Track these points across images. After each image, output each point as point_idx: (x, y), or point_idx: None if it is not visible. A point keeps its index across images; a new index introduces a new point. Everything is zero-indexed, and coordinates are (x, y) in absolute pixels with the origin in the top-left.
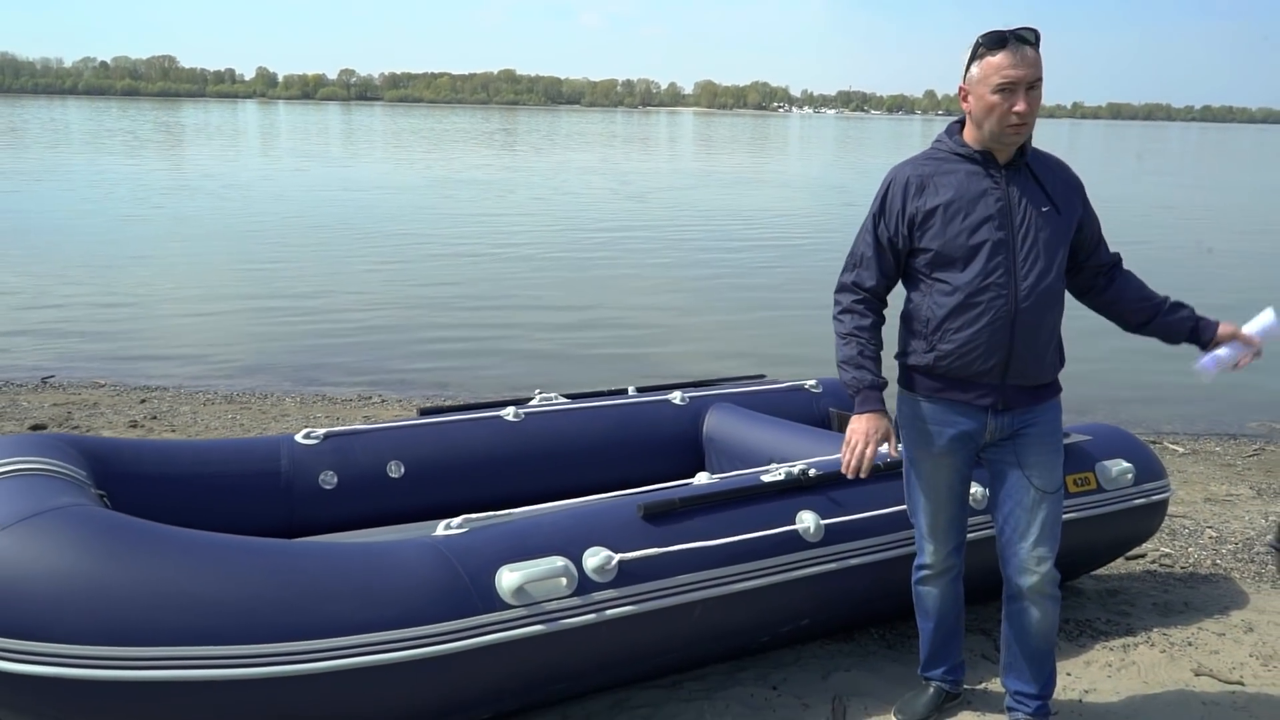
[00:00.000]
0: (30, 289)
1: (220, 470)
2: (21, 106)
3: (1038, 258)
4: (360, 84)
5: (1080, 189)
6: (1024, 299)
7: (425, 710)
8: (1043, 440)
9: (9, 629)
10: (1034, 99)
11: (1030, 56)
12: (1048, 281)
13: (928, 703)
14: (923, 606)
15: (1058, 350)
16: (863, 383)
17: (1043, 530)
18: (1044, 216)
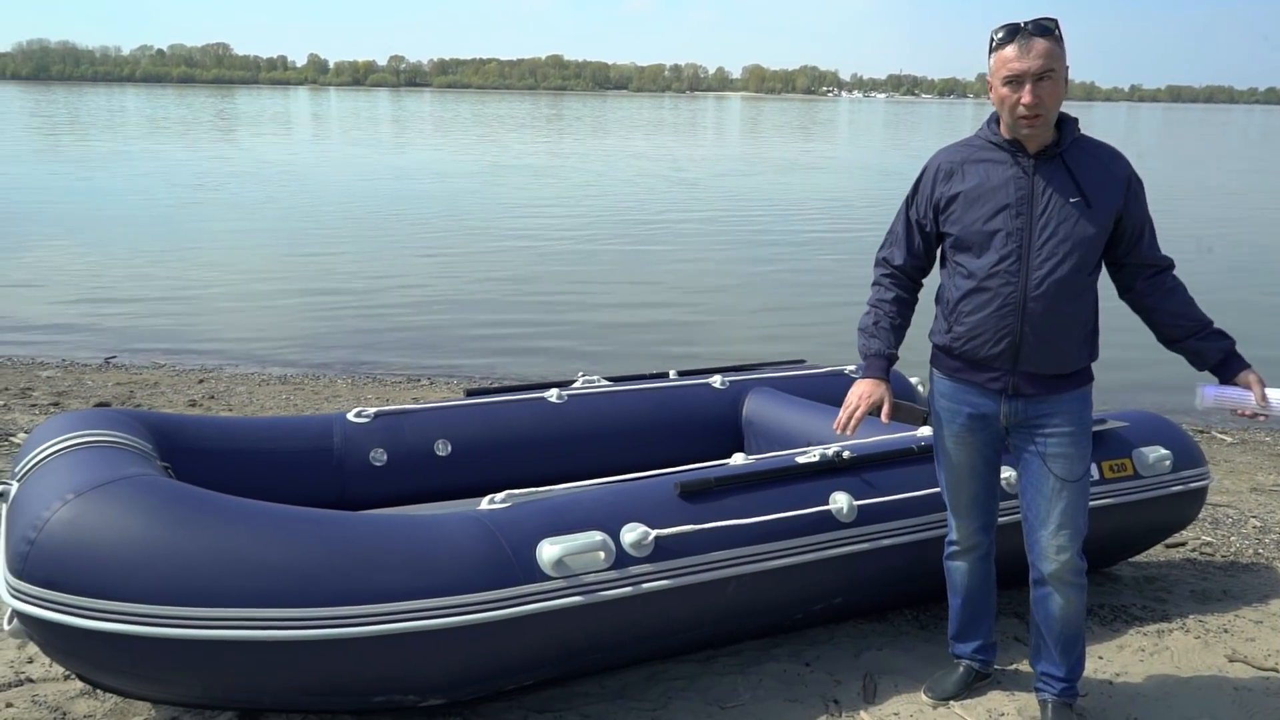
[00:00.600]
0: (94, 272)
1: (276, 446)
2: (82, 94)
3: (1056, 248)
4: (410, 70)
5: (1125, 182)
6: (1035, 288)
7: (468, 675)
8: (1063, 431)
9: (82, 588)
10: (1045, 90)
11: (1039, 48)
12: (1064, 272)
13: (957, 681)
14: (952, 581)
15: (1086, 342)
16: (869, 350)
17: (1063, 519)
18: (1070, 207)
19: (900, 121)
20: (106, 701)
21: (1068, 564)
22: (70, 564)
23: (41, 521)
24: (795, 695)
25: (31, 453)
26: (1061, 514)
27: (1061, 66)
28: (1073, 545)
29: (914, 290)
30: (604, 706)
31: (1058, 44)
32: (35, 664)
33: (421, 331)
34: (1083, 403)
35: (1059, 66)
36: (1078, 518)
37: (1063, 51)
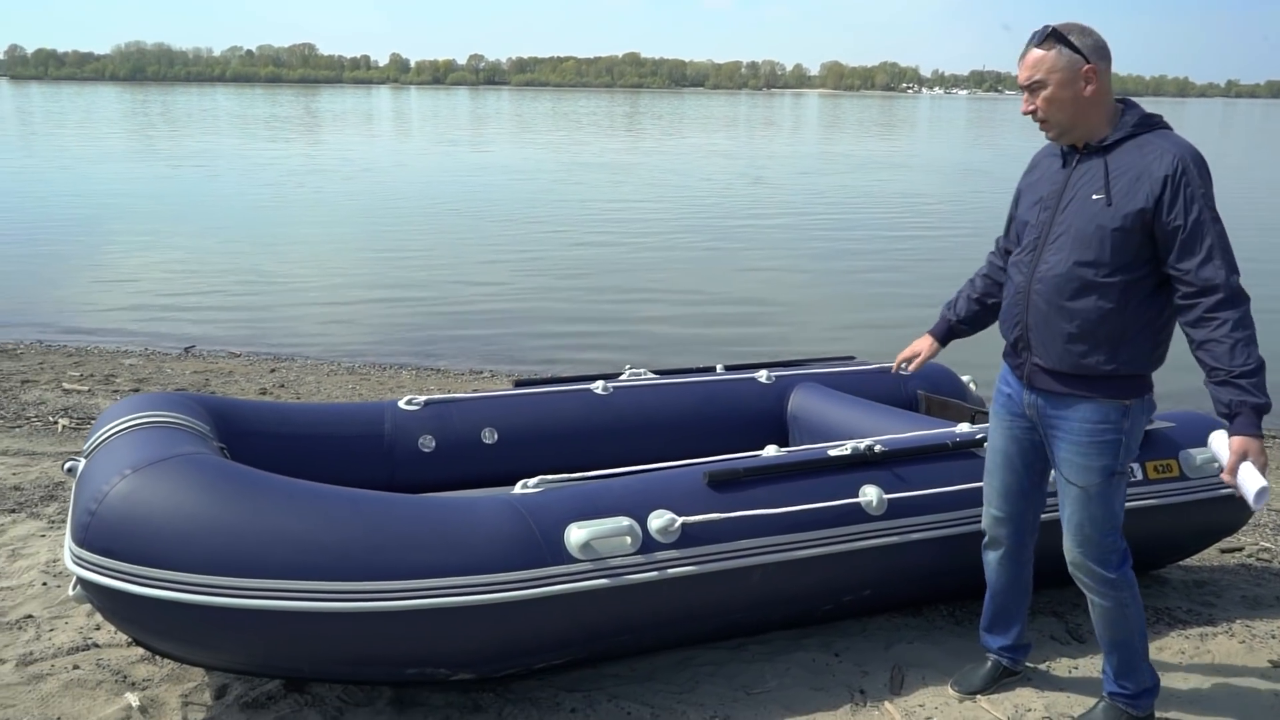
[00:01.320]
0: (179, 266)
1: (329, 431)
2: (175, 94)
3: (1065, 243)
4: (488, 69)
5: (1162, 181)
6: (1037, 281)
7: (497, 652)
8: (1071, 437)
9: (137, 556)
10: (1039, 99)
11: (1029, 59)
12: (1065, 267)
13: (984, 676)
14: (986, 572)
15: (1107, 347)
16: (942, 311)
17: (1070, 524)
18: (1090, 205)
19: (983, 119)
20: (164, 667)
21: (1080, 568)
22: (127, 534)
23: (102, 494)
24: (821, 684)
25: (99, 432)
26: (1069, 519)
27: (1058, 74)
28: (1081, 551)
29: (999, 274)
30: (633, 688)
31: (1052, 52)
32: (102, 631)
33: (490, 327)
34: (1099, 413)
35: (1050, 76)
36: (1085, 526)
37: (1062, 57)
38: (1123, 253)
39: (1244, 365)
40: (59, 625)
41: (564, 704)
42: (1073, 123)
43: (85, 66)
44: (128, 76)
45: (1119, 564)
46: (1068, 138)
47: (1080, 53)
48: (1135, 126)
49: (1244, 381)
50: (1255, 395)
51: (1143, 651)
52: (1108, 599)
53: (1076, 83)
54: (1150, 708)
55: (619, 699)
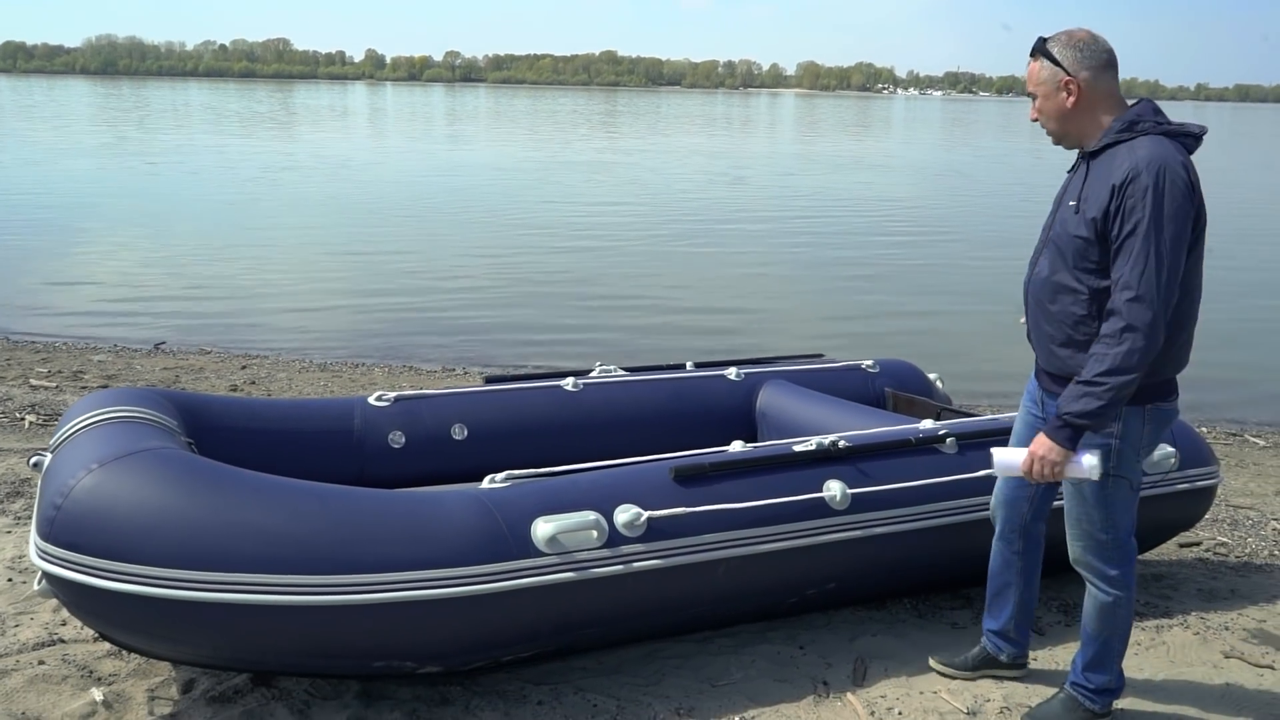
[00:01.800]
0: (149, 262)
1: (298, 427)
2: (147, 88)
3: (1045, 249)
4: (465, 66)
5: (1120, 189)
6: (1031, 284)
7: (464, 645)
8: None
9: (102, 550)
10: (1036, 109)
11: (1028, 70)
12: (1044, 271)
13: (966, 660)
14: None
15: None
16: None
17: (1069, 518)
18: (1067, 210)
19: (958, 120)
20: (131, 662)
21: (1080, 561)
22: (92, 528)
23: (67, 489)
24: (786, 676)
25: (65, 427)
26: (1068, 514)
27: (1043, 86)
28: (1081, 546)
29: None
30: (600, 680)
31: (1037, 64)
32: (67, 626)
33: (463, 325)
34: None
35: (1038, 88)
36: (1083, 522)
37: (1045, 69)
38: (1086, 259)
39: (1093, 371)
40: (24, 621)
41: (531, 697)
42: (1062, 131)
43: (55, 60)
44: (98, 70)
45: (1119, 562)
46: (1065, 143)
47: (1060, 65)
48: (1119, 133)
49: (1081, 385)
50: (1065, 400)
51: (1119, 652)
52: (1107, 594)
53: (1059, 94)
54: (1109, 707)
55: (586, 691)
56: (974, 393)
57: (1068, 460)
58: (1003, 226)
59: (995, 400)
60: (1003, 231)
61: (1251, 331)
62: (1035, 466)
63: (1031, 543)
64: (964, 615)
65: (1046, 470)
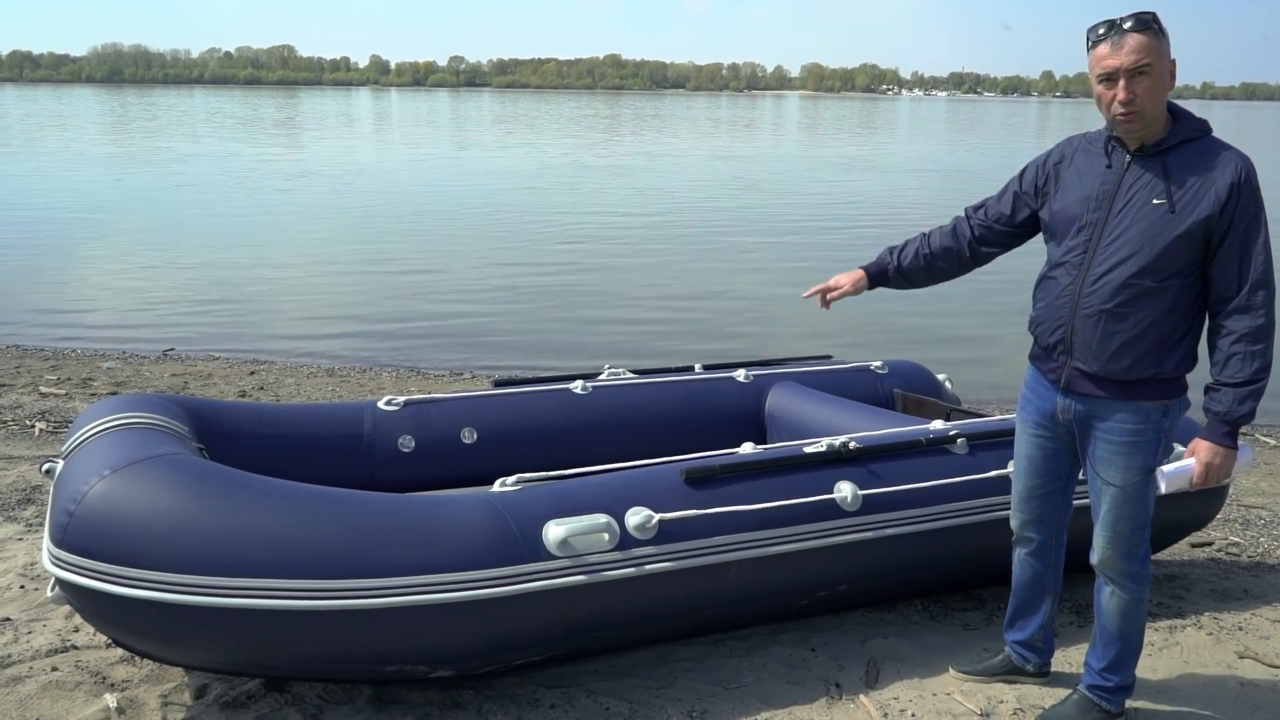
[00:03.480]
0: (157, 268)
1: (308, 432)
2: (153, 96)
3: (1122, 247)
4: (469, 70)
5: (1227, 189)
6: (1092, 284)
7: (476, 648)
8: (1111, 438)
9: (115, 556)
10: (1140, 87)
11: (1132, 43)
12: (1123, 273)
13: (989, 665)
14: (1013, 567)
15: (1155, 352)
16: (882, 254)
17: (1104, 521)
18: (1152, 208)
19: (964, 120)
20: (143, 668)
21: (1108, 563)
22: (105, 534)
23: (80, 495)
24: (798, 678)
25: (77, 433)
26: (1104, 516)
27: (1162, 61)
28: (1113, 547)
29: (964, 242)
30: (612, 684)
31: (1156, 38)
32: (80, 633)
33: (471, 329)
34: (1140, 415)
35: (1156, 61)
36: (1120, 523)
37: (1163, 45)
38: (1180, 259)
39: (1232, 378)
40: (37, 628)
41: (543, 700)
42: (1157, 114)
43: (61, 69)
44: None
45: (1144, 557)
46: (1147, 132)
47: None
48: (1193, 131)
49: (1224, 385)
50: (1224, 405)
51: (1137, 651)
52: (1132, 592)
53: (1168, 75)
54: (1122, 705)
55: (598, 695)
56: (983, 393)
57: (1233, 460)
58: None
59: (1006, 401)
60: None
61: None
62: (1209, 474)
63: (1059, 553)
64: (976, 616)
65: (1222, 475)
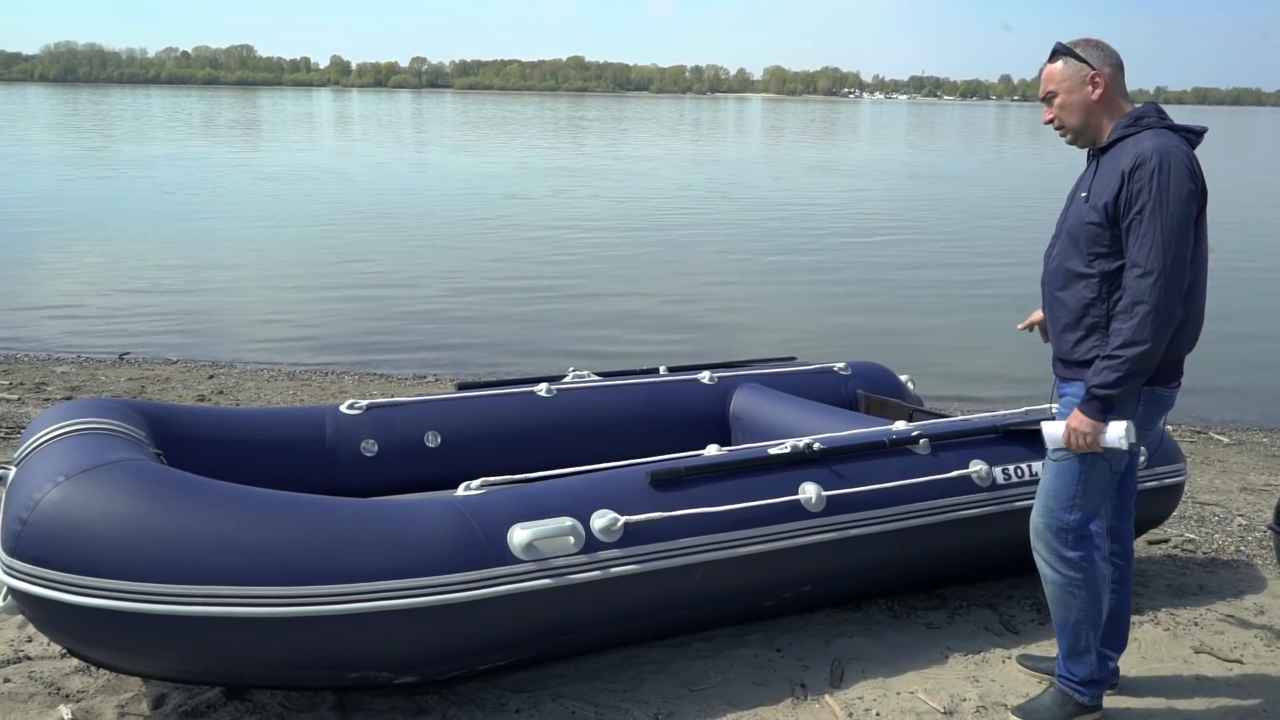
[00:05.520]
0: (111, 270)
1: (269, 436)
2: (108, 96)
3: (1058, 238)
4: (431, 71)
5: (1121, 179)
6: (1046, 275)
7: (440, 654)
8: (1066, 409)
9: (70, 565)
10: (1056, 106)
11: (1045, 74)
12: (1056, 261)
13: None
14: None
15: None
16: None
17: (1040, 491)
18: (1079, 202)
19: (923, 123)
20: (99, 678)
21: (1039, 536)
22: (59, 542)
23: (34, 502)
24: (763, 679)
25: (30, 440)
26: (1040, 487)
27: (1066, 81)
28: (1042, 520)
29: None
30: (578, 687)
31: (1058, 63)
32: (34, 643)
33: (434, 331)
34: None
35: (1060, 84)
36: (1048, 495)
37: (1074, 69)
38: (1097, 244)
39: (1117, 345)
40: None
41: (509, 705)
42: (1083, 124)
43: (13, 67)
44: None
45: (1075, 545)
46: (1081, 140)
47: (1085, 61)
48: (1126, 128)
49: (1106, 358)
50: (1103, 372)
51: (1090, 641)
52: (1058, 576)
53: (1084, 87)
54: (1098, 698)
55: (564, 698)
56: (945, 394)
57: (1098, 432)
58: (974, 227)
59: (967, 402)
60: (974, 232)
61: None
62: (1071, 438)
63: (1122, 546)
64: (939, 615)
65: (1080, 441)
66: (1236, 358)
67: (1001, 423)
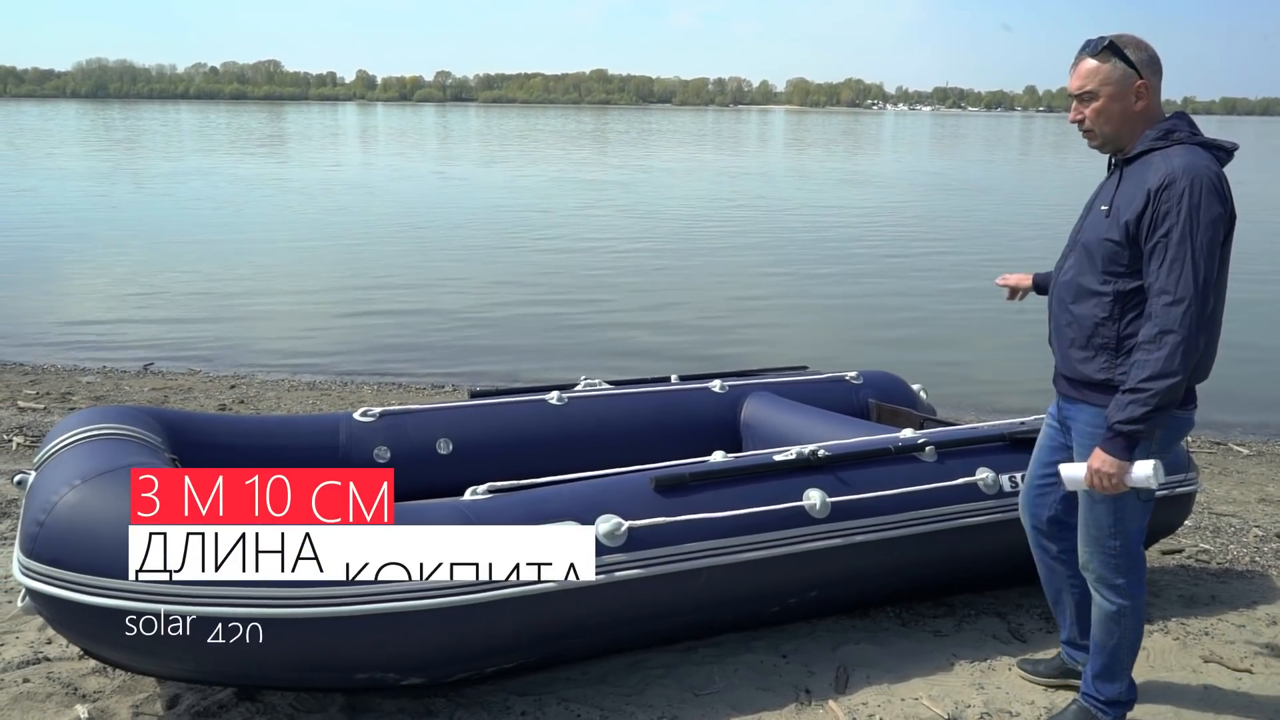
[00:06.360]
0: (138, 282)
1: (283, 443)
2: (139, 111)
3: (1074, 252)
4: (455, 85)
5: (1147, 197)
6: (1057, 288)
7: (447, 656)
8: (1079, 440)
9: (85, 566)
10: (1088, 109)
11: (1082, 68)
12: (1071, 275)
13: (1046, 668)
14: None
15: (1107, 354)
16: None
17: (1083, 527)
18: (1099, 215)
19: (948, 135)
20: (115, 679)
21: (1088, 568)
22: (74, 544)
23: (50, 505)
24: (768, 685)
25: (50, 445)
26: (1080, 518)
27: (1110, 86)
28: (1089, 553)
29: None
30: (584, 691)
31: (1109, 63)
32: (53, 645)
33: (453, 341)
34: (1099, 419)
35: (1104, 87)
36: (1090, 527)
37: (1118, 71)
38: (1115, 262)
39: (1125, 383)
40: (9, 640)
41: (515, 707)
42: (1116, 136)
43: (46, 84)
44: (89, 94)
45: (1126, 571)
46: (1109, 148)
47: (1134, 67)
48: (1155, 140)
49: (1128, 392)
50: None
51: (1128, 664)
52: (1109, 602)
53: (1128, 97)
54: (1121, 718)
55: (569, 702)
56: (959, 404)
57: (1124, 471)
58: (990, 235)
59: (981, 411)
60: (989, 240)
61: (1235, 342)
62: (1095, 480)
63: (1067, 555)
64: (946, 623)
65: (1105, 483)
66: (1257, 368)
67: (1008, 430)
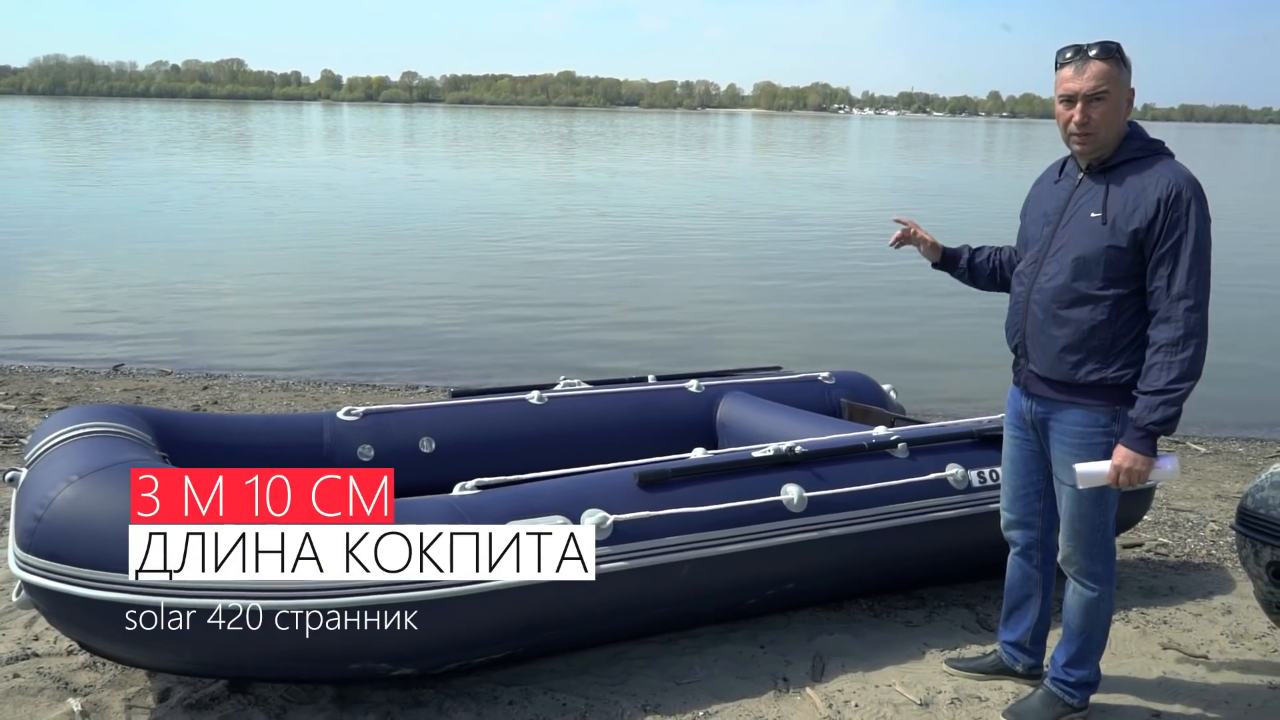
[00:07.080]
0: (106, 283)
1: (268, 441)
2: (98, 109)
3: (1061, 258)
4: (422, 86)
5: (1157, 203)
6: (1035, 292)
7: (437, 647)
8: (1063, 440)
9: (82, 559)
10: (1096, 111)
11: (1093, 69)
12: (1061, 280)
13: (980, 664)
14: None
15: (1098, 356)
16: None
17: (1064, 520)
18: (1089, 222)
19: (913, 139)
20: (106, 673)
21: (1070, 561)
22: (72, 538)
23: (48, 500)
24: (747, 674)
25: (40, 442)
26: (1064, 515)
27: (1120, 89)
28: (1071, 547)
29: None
30: (568, 681)
31: (1117, 66)
32: (40, 640)
33: (426, 343)
34: (1089, 418)
35: (1114, 89)
36: (1077, 522)
37: (1123, 74)
38: (1116, 268)
39: (1149, 385)
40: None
41: (502, 697)
42: (1105, 141)
43: (1, 80)
44: (46, 91)
45: (1104, 559)
46: (1099, 154)
47: (1129, 72)
48: (1138, 150)
49: (1146, 394)
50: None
51: (1099, 647)
52: (1092, 590)
53: (1125, 103)
54: (1086, 701)
55: (555, 691)
56: (927, 403)
57: (1151, 467)
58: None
59: (947, 410)
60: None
61: None
62: (1122, 478)
63: (1048, 554)
64: (917, 614)
65: (1134, 479)
66: (1214, 369)
67: (976, 428)
